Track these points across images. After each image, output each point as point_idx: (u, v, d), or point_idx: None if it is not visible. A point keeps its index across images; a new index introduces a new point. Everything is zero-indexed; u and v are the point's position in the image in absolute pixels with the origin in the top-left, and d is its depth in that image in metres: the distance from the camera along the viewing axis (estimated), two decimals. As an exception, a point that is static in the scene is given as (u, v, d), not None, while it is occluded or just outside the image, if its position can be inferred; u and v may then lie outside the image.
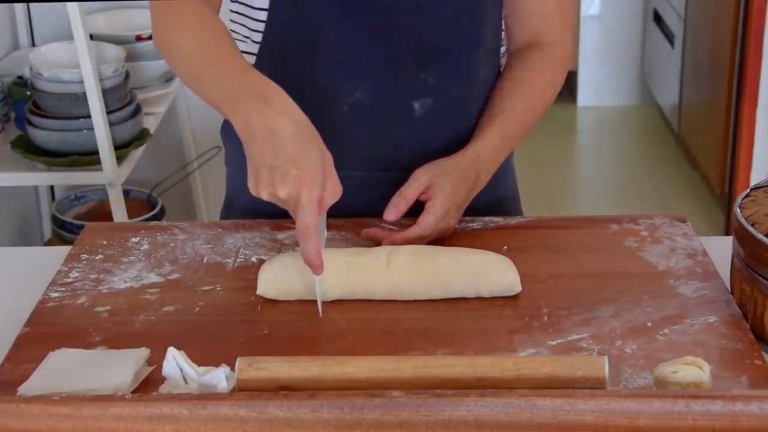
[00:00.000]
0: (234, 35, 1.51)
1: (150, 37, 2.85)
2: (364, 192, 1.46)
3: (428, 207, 1.38)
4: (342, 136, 1.46)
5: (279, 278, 1.29)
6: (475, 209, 1.48)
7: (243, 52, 1.50)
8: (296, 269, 1.29)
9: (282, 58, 1.47)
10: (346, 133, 1.47)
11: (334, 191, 1.25)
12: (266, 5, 1.45)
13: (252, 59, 1.49)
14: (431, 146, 1.48)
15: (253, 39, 1.49)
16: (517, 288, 1.29)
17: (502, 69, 1.55)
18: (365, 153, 1.49)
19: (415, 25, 1.44)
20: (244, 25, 1.50)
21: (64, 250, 1.44)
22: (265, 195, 1.24)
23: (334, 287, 1.28)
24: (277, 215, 1.49)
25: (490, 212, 1.52)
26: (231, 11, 1.51)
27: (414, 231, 1.38)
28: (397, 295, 1.29)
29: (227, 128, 1.56)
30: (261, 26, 1.47)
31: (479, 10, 1.47)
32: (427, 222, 1.38)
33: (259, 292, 1.29)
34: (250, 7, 1.47)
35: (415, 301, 1.29)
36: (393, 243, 1.38)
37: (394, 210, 1.39)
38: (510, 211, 1.60)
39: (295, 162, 1.23)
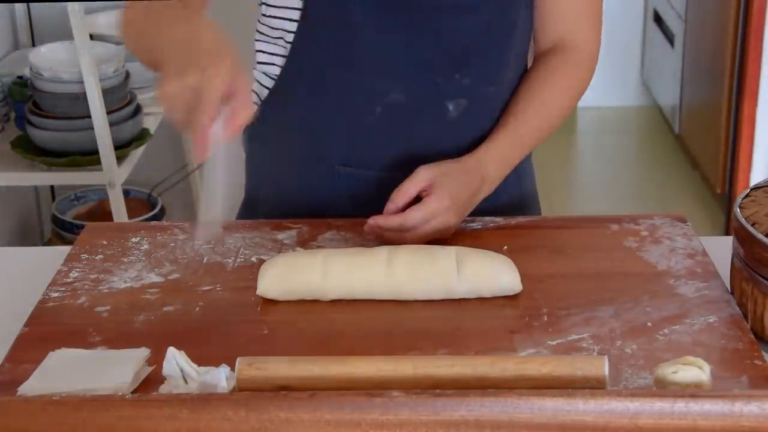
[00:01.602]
0: (263, 36, 1.50)
1: (150, 37, 2.85)
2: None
3: (421, 203, 1.38)
4: (375, 137, 1.46)
5: (279, 279, 1.29)
6: (495, 208, 1.48)
7: (273, 54, 1.50)
8: (296, 269, 1.29)
9: (315, 59, 1.46)
10: (379, 134, 1.47)
11: (245, 107, 1.19)
12: (299, 5, 1.44)
13: (281, 61, 1.48)
14: (463, 147, 1.47)
15: (286, 39, 1.48)
16: (518, 288, 1.29)
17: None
18: (398, 154, 1.48)
19: (452, 26, 1.44)
20: (276, 27, 1.48)
21: (64, 250, 1.44)
22: (174, 84, 1.18)
23: (334, 287, 1.28)
24: (296, 212, 1.48)
25: (509, 211, 1.51)
26: (262, 15, 1.50)
27: (394, 219, 1.37)
28: (397, 295, 1.29)
29: (252, 127, 1.55)
30: (293, 26, 1.46)
31: (512, 11, 1.47)
32: (413, 216, 1.37)
33: (259, 292, 1.29)
34: (283, 8, 1.46)
35: (415, 301, 1.29)
36: (376, 223, 1.38)
37: (392, 205, 1.38)
38: (530, 210, 1.60)
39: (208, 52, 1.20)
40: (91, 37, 2.60)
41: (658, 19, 4.44)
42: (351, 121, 1.46)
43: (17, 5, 2.91)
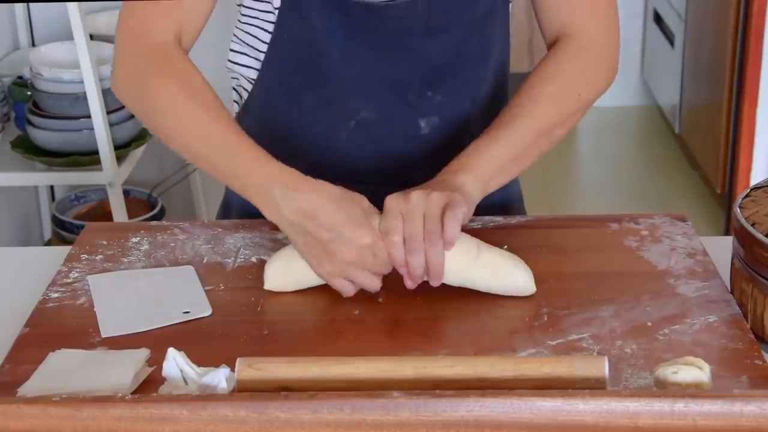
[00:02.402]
0: (238, 40, 1.50)
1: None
2: None
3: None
4: (349, 152, 1.46)
5: (284, 270, 1.29)
6: (478, 210, 1.47)
7: (249, 56, 1.50)
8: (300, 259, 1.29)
9: (288, 75, 1.46)
10: (352, 148, 1.47)
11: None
12: (272, 18, 1.44)
13: (257, 64, 1.48)
14: (437, 163, 1.47)
15: (259, 48, 1.48)
16: (532, 289, 1.28)
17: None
18: (370, 168, 1.48)
19: (423, 47, 1.43)
20: (251, 35, 1.49)
21: (64, 250, 1.44)
22: (337, 270, 1.25)
23: None
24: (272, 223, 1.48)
25: (493, 214, 1.51)
26: (239, 21, 1.50)
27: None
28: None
29: None
30: (267, 37, 1.46)
31: (488, 29, 1.46)
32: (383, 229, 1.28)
33: (267, 286, 1.30)
34: (258, 19, 1.46)
35: (416, 299, 1.28)
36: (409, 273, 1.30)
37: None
38: (514, 213, 1.59)
39: (345, 226, 1.25)
40: (91, 37, 2.59)
41: (658, 19, 4.44)
42: (323, 136, 1.46)
43: (17, 5, 2.91)
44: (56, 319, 1.26)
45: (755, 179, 3.46)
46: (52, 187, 3.04)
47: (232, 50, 1.51)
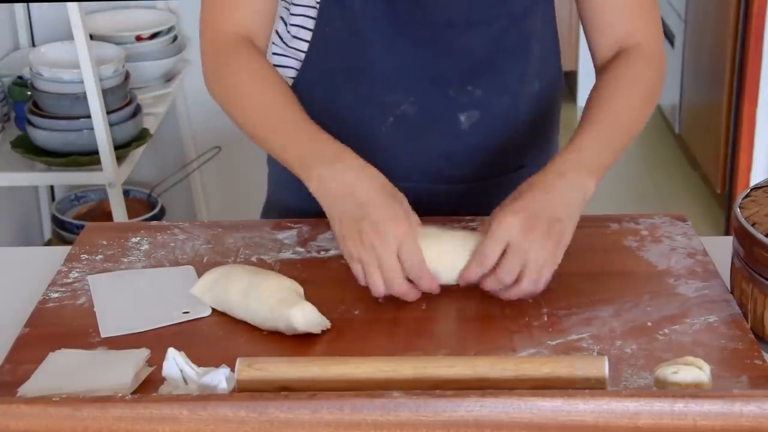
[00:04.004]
0: (278, 41, 1.51)
1: (150, 37, 2.86)
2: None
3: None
4: (387, 148, 1.46)
5: (215, 282, 1.29)
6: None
7: (288, 57, 1.50)
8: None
9: (328, 70, 1.47)
10: (391, 145, 1.47)
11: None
12: (314, 14, 1.45)
13: (297, 64, 1.49)
14: (476, 159, 1.47)
15: (300, 48, 1.48)
16: None
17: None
18: (410, 165, 1.48)
19: (463, 40, 1.44)
20: (293, 35, 1.49)
21: (64, 250, 1.44)
22: (356, 251, 1.24)
23: None
24: (317, 215, 1.48)
25: None
26: (281, 21, 1.50)
27: (469, 267, 1.27)
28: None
29: None
30: (308, 35, 1.46)
31: (527, 25, 1.46)
32: (481, 251, 1.26)
33: (192, 290, 1.29)
34: (301, 16, 1.47)
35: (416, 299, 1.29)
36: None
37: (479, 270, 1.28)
38: None
39: (382, 212, 1.24)
40: (91, 37, 2.59)
41: (658, 19, 4.44)
42: (363, 131, 1.46)
43: (17, 5, 2.91)
44: (56, 319, 1.26)
45: (755, 179, 3.46)
46: (52, 187, 3.04)
47: (274, 53, 1.52)
